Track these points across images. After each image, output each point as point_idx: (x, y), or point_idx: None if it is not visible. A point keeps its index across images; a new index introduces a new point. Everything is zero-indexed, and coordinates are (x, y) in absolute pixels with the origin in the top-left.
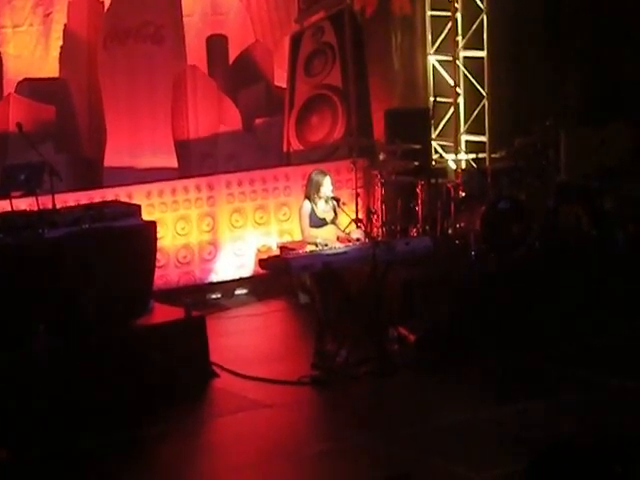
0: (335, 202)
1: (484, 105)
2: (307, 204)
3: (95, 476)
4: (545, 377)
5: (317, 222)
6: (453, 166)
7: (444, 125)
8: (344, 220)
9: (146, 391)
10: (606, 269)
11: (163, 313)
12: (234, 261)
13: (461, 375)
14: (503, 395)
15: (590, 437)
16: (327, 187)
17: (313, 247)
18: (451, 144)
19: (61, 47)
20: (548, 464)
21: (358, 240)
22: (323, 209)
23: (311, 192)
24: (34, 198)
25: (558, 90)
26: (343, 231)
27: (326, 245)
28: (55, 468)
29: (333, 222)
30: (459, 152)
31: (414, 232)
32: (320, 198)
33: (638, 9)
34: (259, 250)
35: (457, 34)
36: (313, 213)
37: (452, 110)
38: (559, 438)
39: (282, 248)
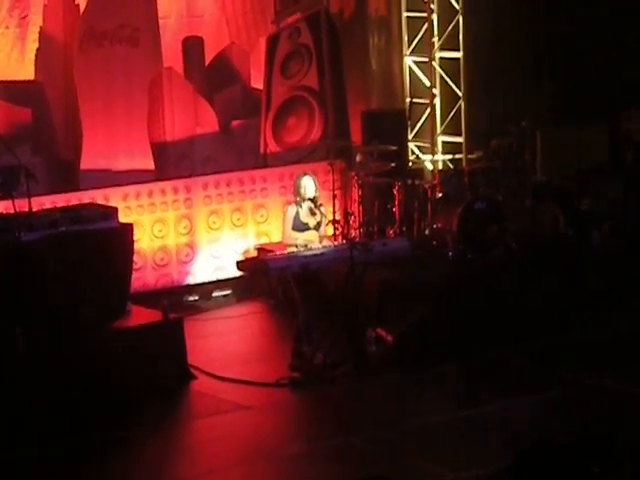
0: (312, 203)
1: (460, 106)
2: (292, 208)
3: (72, 478)
4: (525, 376)
5: (300, 226)
6: (430, 167)
7: (421, 126)
8: (329, 229)
9: (124, 393)
10: (582, 268)
11: (140, 315)
12: (212, 263)
13: (439, 375)
14: (481, 395)
15: (570, 437)
16: (307, 188)
17: (292, 248)
18: (428, 145)
19: (37, 50)
20: (528, 464)
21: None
22: (307, 212)
23: (295, 194)
24: (10, 201)
25: (534, 91)
26: (325, 237)
27: (305, 246)
28: (32, 469)
29: (316, 228)
30: (436, 153)
31: (391, 233)
32: (302, 199)
33: (616, 8)
34: (238, 252)
35: (433, 35)
36: (297, 217)
37: (428, 111)
38: (539, 438)
39: (260, 250)
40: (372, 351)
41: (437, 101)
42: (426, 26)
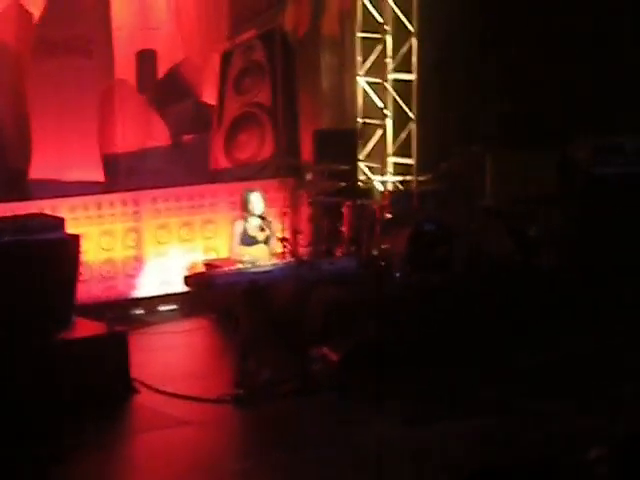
0: (261, 220)
1: (411, 128)
2: (239, 223)
3: None
4: (466, 398)
5: (248, 240)
6: (380, 188)
7: (372, 147)
8: (277, 246)
9: (65, 406)
10: (529, 292)
11: (85, 328)
12: (159, 277)
13: (383, 395)
14: (423, 417)
15: (511, 461)
16: (255, 204)
17: (240, 265)
18: (378, 166)
19: None
20: None
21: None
22: (255, 227)
23: (242, 210)
24: None
25: (485, 115)
26: (274, 253)
27: (252, 263)
28: None
29: (266, 242)
30: (386, 174)
31: (339, 252)
32: (250, 215)
33: (568, 31)
34: (185, 267)
35: (386, 56)
36: (245, 232)
37: (380, 132)
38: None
39: (207, 265)
40: (317, 369)
41: (389, 122)
42: (380, 47)
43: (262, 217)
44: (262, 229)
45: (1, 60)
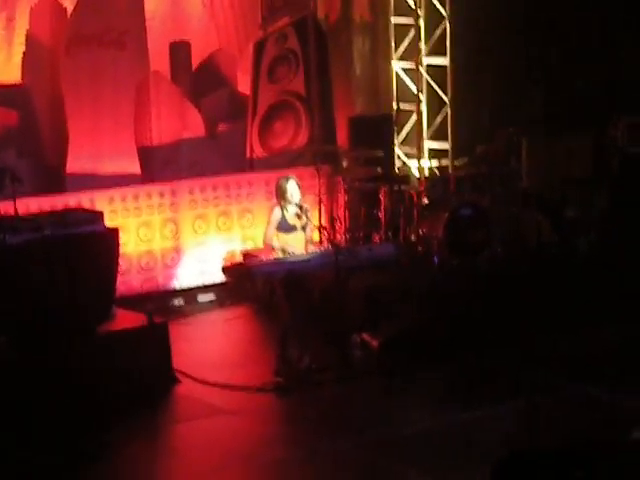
0: (299, 209)
1: (447, 112)
2: (277, 210)
3: None
4: (509, 382)
5: (287, 227)
6: (416, 173)
7: (407, 132)
8: (315, 234)
9: (108, 397)
10: (567, 276)
11: (125, 319)
12: (197, 267)
13: (425, 380)
14: (466, 401)
15: (551, 444)
16: (292, 192)
17: (279, 254)
18: (414, 151)
19: (23, 53)
20: (511, 471)
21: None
22: (292, 215)
23: (278, 198)
24: None
25: (522, 97)
26: (311, 240)
27: (283, 251)
28: (12, 474)
29: (303, 230)
30: (422, 159)
31: (377, 239)
32: (288, 204)
33: (606, 17)
34: (223, 257)
35: (420, 41)
36: (283, 219)
37: (415, 117)
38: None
39: (245, 255)
40: (357, 356)
41: (423, 107)
42: (413, 32)
43: (299, 205)
44: (299, 217)
45: (36, 55)
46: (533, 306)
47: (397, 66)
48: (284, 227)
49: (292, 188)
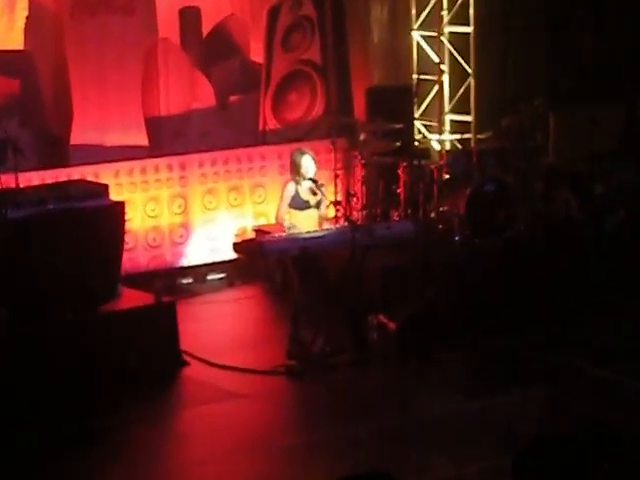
0: (313, 184)
1: (470, 83)
2: (291, 186)
3: (62, 463)
4: (531, 366)
5: (301, 204)
6: (437, 147)
7: (428, 104)
8: (330, 210)
9: (115, 378)
10: (594, 255)
11: (132, 298)
12: (207, 244)
13: (443, 364)
14: (486, 385)
15: (577, 431)
16: (307, 167)
17: (294, 230)
18: (435, 124)
19: (26, 18)
20: (534, 458)
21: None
22: (306, 190)
23: (292, 172)
24: None
25: (548, 68)
26: (325, 218)
27: (290, 228)
28: (24, 453)
29: (317, 206)
30: (443, 132)
31: (396, 216)
32: (302, 179)
33: None
34: (234, 233)
35: (442, 9)
36: (297, 195)
37: (436, 88)
38: (546, 431)
39: (257, 231)
40: (374, 338)
41: (445, 78)
42: None
43: (314, 180)
44: (314, 193)
45: (39, 21)
46: (558, 287)
47: (417, 34)
48: (297, 203)
49: (307, 162)
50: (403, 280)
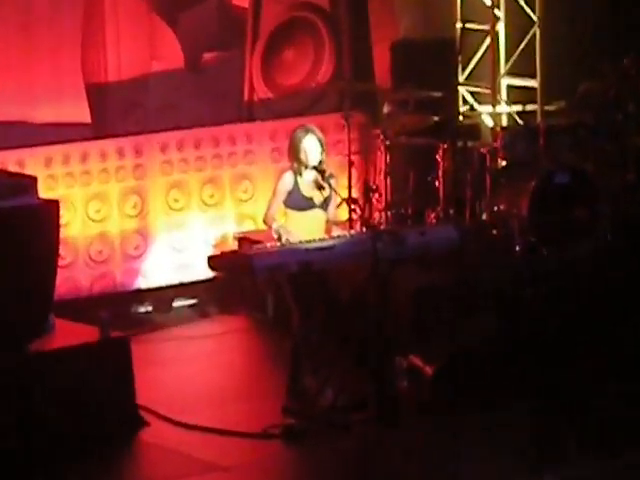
0: (319, 174)
1: (535, 35)
2: (288, 177)
3: None
4: (618, 428)
5: (302, 202)
6: (489, 123)
7: (477, 64)
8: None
9: (48, 446)
10: None
11: (69, 334)
12: (172, 259)
13: (498, 424)
14: (557, 454)
15: None
16: (310, 151)
17: (286, 235)
18: (487, 91)
19: None
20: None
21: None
22: (310, 184)
23: (291, 157)
24: None
25: None
26: (336, 222)
27: (281, 233)
28: None
29: (324, 205)
30: (499, 103)
31: (432, 218)
32: (304, 167)
33: None
34: (210, 244)
35: None
36: (297, 190)
37: (488, 42)
38: None
39: (242, 240)
40: (403, 388)
41: (501, 27)
42: None
43: (319, 170)
44: (320, 187)
45: None
46: None
47: None
48: (297, 201)
49: (310, 145)
50: (443, 307)
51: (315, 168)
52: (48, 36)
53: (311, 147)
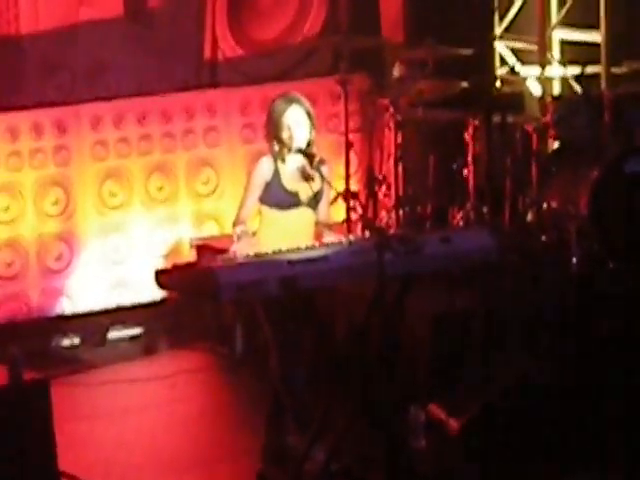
0: (306, 159)
1: None
2: (265, 163)
3: None
4: None
5: (283, 197)
6: (537, 90)
7: (519, 11)
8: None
9: None
10: None
11: None
12: (107, 274)
13: None
14: None
15: None
16: (296, 129)
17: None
18: (534, 47)
19: None
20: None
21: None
22: (294, 173)
23: (268, 138)
24: None
25: None
26: (329, 224)
27: (241, 238)
28: None
29: (313, 202)
30: (549, 63)
31: (459, 219)
32: (287, 150)
33: None
34: (159, 253)
35: None
36: (277, 181)
37: None
38: None
39: (202, 249)
40: (420, 448)
41: None
42: None
43: (307, 154)
44: (307, 177)
45: None
46: None
47: None
48: (277, 197)
49: (296, 120)
50: (473, 340)
51: (301, 151)
52: None
53: (297, 123)
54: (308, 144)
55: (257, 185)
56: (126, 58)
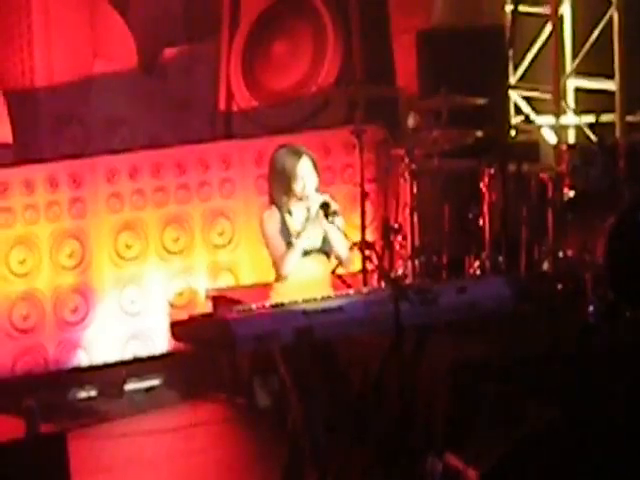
0: (322, 211)
1: (612, 19)
2: (273, 215)
3: None
4: None
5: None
6: (552, 139)
7: (533, 60)
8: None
9: None
10: None
11: None
12: (123, 326)
13: None
14: None
15: None
16: (306, 179)
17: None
18: (548, 96)
19: None
20: None
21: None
22: (302, 221)
23: (276, 190)
24: None
25: None
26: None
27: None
28: None
29: (326, 252)
30: (564, 112)
31: (476, 268)
32: (296, 201)
33: None
34: (173, 304)
35: None
36: (285, 232)
37: (549, 29)
38: None
39: (217, 300)
40: None
41: (566, 10)
42: None
43: (322, 203)
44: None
45: None
46: None
47: None
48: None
49: (307, 170)
50: (490, 390)
51: (323, 205)
52: None
53: (309, 174)
54: (317, 193)
55: (276, 234)
56: (140, 110)
